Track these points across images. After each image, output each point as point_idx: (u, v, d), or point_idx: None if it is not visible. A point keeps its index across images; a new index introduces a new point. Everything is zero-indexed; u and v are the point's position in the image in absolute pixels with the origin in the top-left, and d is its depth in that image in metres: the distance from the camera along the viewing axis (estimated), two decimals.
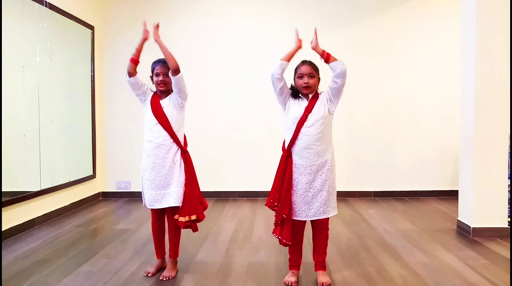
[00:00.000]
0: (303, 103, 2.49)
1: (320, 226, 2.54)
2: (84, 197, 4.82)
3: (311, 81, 2.47)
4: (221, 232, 3.68)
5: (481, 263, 2.87)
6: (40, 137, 3.92)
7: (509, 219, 3.59)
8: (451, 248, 3.20)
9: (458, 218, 3.78)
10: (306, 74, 2.46)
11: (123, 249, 3.21)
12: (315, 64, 2.51)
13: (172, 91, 2.71)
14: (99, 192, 5.24)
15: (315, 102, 2.47)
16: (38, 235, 3.59)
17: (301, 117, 2.45)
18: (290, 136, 2.48)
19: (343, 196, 5.14)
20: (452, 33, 5.08)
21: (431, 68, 5.22)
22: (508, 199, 3.60)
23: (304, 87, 2.47)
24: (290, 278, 2.55)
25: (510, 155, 3.66)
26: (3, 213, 3.35)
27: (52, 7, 4.11)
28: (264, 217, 4.22)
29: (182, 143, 2.70)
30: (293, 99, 2.53)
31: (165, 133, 2.63)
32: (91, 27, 4.92)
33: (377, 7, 5.20)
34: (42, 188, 3.97)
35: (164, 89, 2.70)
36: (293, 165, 2.49)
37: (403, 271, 2.72)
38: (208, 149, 5.26)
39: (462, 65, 3.75)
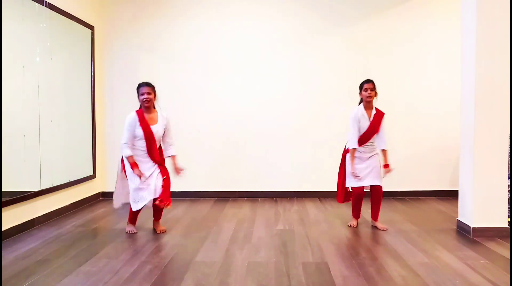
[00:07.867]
0: None
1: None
2: (84, 197, 4.82)
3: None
4: (221, 232, 3.68)
5: (481, 263, 2.87)
6: (40, 137, 3.92)
7: (509, 219, 3.59)
8: (451, 248, 3.20)
9: (458, 218, 3.78)
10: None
11: (123, 249, 3.21)
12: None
13: (154, 107, 3.55)
14: (99, 192, 5.24)
15: None
16: (38, 235, 3.59)
17: None
18: None
19: None
20: (452, 33, 5.08)
21: (431, 68, 5.22)
22: (508, 199, 3.60)
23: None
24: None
25: (510, 155, 3.66)
26: (3, 213, 3.35)
27: (52, 7, 4.11)
28: (264, 217, 4.22)
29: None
30: None
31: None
32: (91, 27, 4.92)
33: (377, 6, 5.20)
34: (42, 188, 3.97)
35: (148, 105, 3.46)
36: None
37: (403, 271, 2.72)
38: (208, 149, 5.26)
39: (462, 65, 3.75)
